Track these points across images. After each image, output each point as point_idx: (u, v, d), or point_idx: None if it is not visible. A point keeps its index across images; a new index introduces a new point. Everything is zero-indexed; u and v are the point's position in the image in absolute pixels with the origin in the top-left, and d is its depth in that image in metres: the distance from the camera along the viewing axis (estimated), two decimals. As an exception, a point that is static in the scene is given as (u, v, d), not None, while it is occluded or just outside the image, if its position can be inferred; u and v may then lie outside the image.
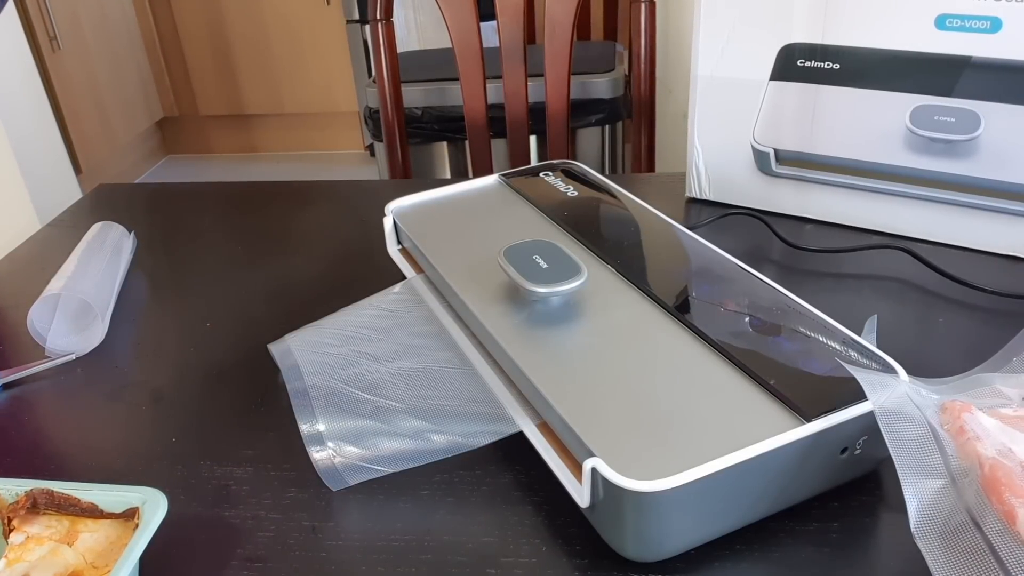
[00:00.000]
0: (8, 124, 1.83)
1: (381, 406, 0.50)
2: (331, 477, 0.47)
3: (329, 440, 0.48)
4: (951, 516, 0.36)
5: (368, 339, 0.55)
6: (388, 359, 0.53)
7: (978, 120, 0.63)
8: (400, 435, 0.48)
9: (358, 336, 0.56)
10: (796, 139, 0.72)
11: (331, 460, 0.47)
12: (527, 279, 0.51)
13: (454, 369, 0.52)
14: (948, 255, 0.67)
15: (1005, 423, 0.38)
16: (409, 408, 0.49)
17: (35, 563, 0.40)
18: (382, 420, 0.49)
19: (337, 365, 0.53)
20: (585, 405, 0.43)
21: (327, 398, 0.50)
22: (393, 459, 0.47)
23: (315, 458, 0.47)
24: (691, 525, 0.40)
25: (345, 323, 0.57)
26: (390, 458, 0.47)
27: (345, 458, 0.48)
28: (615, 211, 0.64)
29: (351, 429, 0.49)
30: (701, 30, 0.73)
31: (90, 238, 0.71)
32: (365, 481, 0.47)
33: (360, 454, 0.48)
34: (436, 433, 0.48)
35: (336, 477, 0.47)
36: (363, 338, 0.56)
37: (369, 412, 0.49)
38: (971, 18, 0.61)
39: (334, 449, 0.48)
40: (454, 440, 0.47)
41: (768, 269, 0.66)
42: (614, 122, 1.66)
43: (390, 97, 1.17)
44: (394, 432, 0.48)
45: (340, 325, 0.57)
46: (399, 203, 0.67)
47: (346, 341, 0.55)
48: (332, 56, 2.82)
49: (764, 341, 0.46)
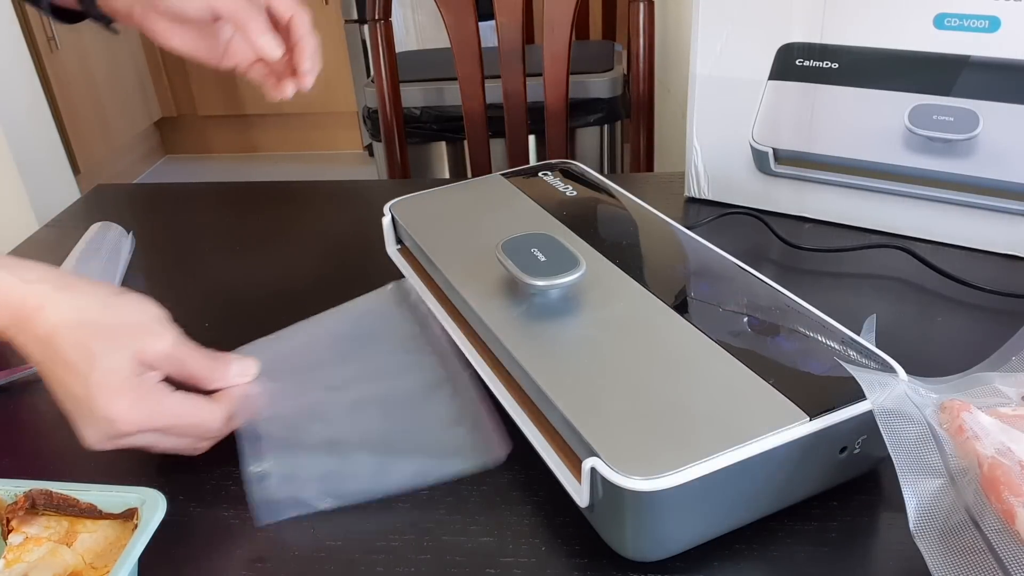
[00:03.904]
0: (6, 125, 1.82)
1: (331, 439, 0.48)
2: (265, 509, 0.45)
3: (271, 470, 0.46)
4: (950, 515, 0.36)
5: (325, 362, 0.53)
6: (342, 386, 0.51)
7: (977, 119, 0.63)
8: (351, 471, 0.46)
9: (316, 361, 0.53)
10: (795, 138, 0.72)
11: (269, 491, 0.45)
12: (525, 272, 0.51)
13: (410, 400, 0.50)
14: (947, 254, 0.67)
15: (1004, 422, 0.38)
16: (360, 442, 0.47)
17: (34, 564, 0.40)
18: (330, 454, 0.47)
19: (288, 393, 0.50)
20: (584, 399, 0.43)
21: (274, 427, 0.48)
22: (341, 495, 0.45)
23: (252, 483, 0.45)
24: (690, 524, 0.40)
25: (306, 340, 0.55)
26: (338, 494, 0.45)
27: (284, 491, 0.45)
28: (614, 211, 0.64)
29: (293, 463, 0.46)
30: (700, 29, 0.73)
31: (88, 238, 0.71)
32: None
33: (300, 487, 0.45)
34: (389, 469, 0.46)
35: (270, 509, 0.45)
36: (320, 362, 0.53)
37: (316, 446, 0.47)
38: (970, 17, 0.61)
39: (273, 479, 0.45)
40: (407, 476, 0.45)
41: (767, 268, 0.66)
42: (613, 122, 1.66)
43: (389, 97, 1.17)
44: (343, 467, 0.46)
45: (298, 343, 0.55)
46: (398, 201, 0.67)
47: (300, 368, 0.53)
48: (331, 56, 2.81)
49: (763, 340, 0.46)
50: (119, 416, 0.42)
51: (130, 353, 0.43)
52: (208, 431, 0.46)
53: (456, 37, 1.12)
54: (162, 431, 0.45)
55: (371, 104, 1.58)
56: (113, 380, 0.42)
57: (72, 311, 0.43)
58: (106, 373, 0.42)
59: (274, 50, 0.57)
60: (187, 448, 0.47)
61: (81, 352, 0.42)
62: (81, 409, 0.43)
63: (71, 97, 2.48)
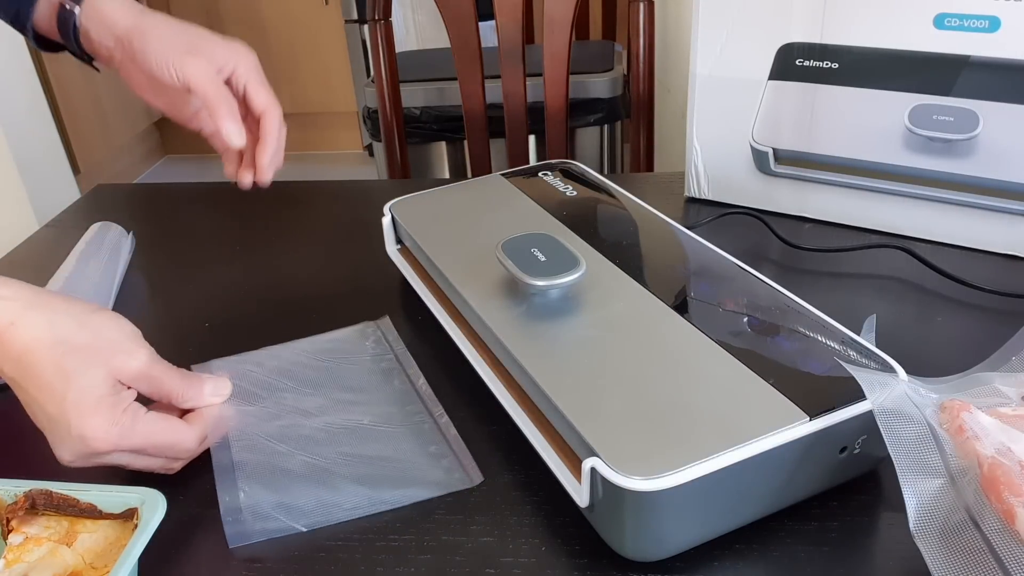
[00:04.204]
0: (6, 125, 1.82)
1: (306, 463, 0.47)
2: (236, 535, 0.44)
3: (243, 500, 0.45)
4: (950, 515, 0.36)
5: (299, 387, 0.53)
6: (316, 412, 0.51)
7: (976, 119, 0.63)
8: (327, 499, 0.45)
9: (290, 385, 0.54)
10: (795, 138, 0.72)
11: (241, 518, 0.44)
12: (525, 272, 0.51)
13: (383, 427, 0.50)
14: (947, 254, 0.67)
15: (1004, 422, 0.38)
16: (333, 468, 0.47)
17: (34, 564, 0.40)
18: (305, 481, 0.46)
19: (260, 416, 0.50)
20: (584, 399, 0.43)
21: (246, 452, 0.48)
22: (313, 522, 0.45)
23: (224, 510, 0.45)
24: (690, 524, 0.40)
25: (279, 364, 0.55)
26: (309, 521, 0.45)
27: (255, 517, 0.45)
28: (614, 211, 0.64)
29: (266, 488, 0.46)
30: (700, 29, 0.73)
31: (88, 239, 0.71)
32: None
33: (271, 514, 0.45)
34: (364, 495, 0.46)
35: (242, 535, 0.44)
36: (294, 387, 0.53)
37: (291, 470, 0.47)
38: (970, 17, 0.61)
39: (245, 506, 0.45)
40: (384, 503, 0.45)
41: (767, 268, 0.66)
42: (613, 122, 1.66)
43: (389, 97, 1.17)
44: (320, 495, 0.46)
45: (272, 366, 0.55)
46: (398, 201, 0.67)
47: (274, 391, 0.53)
48: (330, 56, 2.81)
49: (763, 340, 0.46)
50: (94, 435, 0.42)
51: (105, 372, 0.43)
52: (181, 452, 0.46)
53: (456, 37, 1.12)
54: (136, 451, 0.44)
55: (371, 104, 1.58)
56: (88, 399, 0.42)
57: (46, 330, 0.43)
58: (81, 392, 0.42)
59: (236, 139, 0.57)
60: (160, 468, 0.46)
61: (55, 371, 0.42)
62: (55, 428, 0.42)
63: (71, 97, 2.48)
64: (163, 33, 0.57)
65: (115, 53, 0.58)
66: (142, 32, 0.57)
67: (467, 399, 0.53)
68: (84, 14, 0.58)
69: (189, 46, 0.57)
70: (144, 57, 0.56)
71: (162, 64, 0.56)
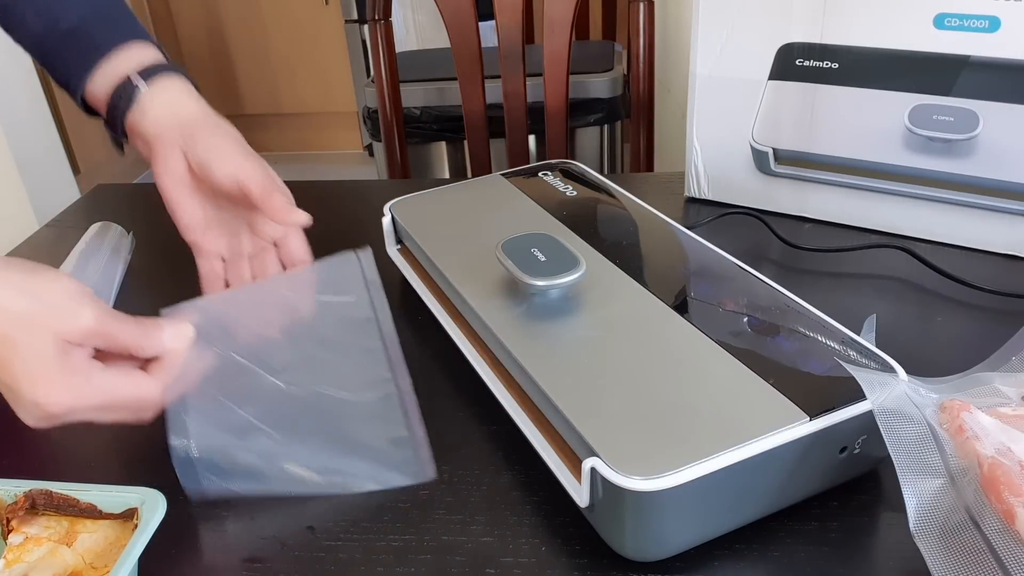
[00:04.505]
0: (6, 125, 1.82)
1: (261, 424, 0.47)
2: (189, 483, 0.44)
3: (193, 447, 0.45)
4: (950, 515, 0.36)
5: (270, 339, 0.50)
6: (280, 370, 0.48)
7: (976, 119, 0.63)
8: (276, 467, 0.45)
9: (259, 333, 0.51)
10: (795, 138, 0.72)
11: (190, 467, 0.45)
12: (525, 272, 0.51)
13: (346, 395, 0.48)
14: (947, 254, 0.67)
15: (1004, 422, 0.38)
16: (290, 434, 0.46)
17: (34, 564, 0.40)
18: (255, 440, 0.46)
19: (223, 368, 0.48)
20: (584, 399, 0.43)
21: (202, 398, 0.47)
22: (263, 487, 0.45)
23: (174, 455, 0.45)
24: (690, 524, 0.40)
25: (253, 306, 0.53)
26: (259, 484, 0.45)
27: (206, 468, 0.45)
28: (614, 211, 0.64)
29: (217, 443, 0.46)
30: (700, 29, 0.73)
31: (88, 238, 0.71)
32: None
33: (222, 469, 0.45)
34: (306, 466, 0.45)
35: (193, 484, 0.44)
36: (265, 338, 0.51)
37: (244, 428, 0.46)
38: (970, 17, 0.61)
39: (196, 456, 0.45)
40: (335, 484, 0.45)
41: (767, 268, 0.66)
42: (613, 122, 1.66)
43: (389, 97, 1.17)
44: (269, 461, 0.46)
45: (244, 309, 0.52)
46: (398, 201, 0.67)
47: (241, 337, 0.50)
48: (331, 56, 2.81)
49: (763, 340, 0.46)
50: (46, 401, 0.42)
51: (50, 336, 0.42)
52: (145, 404, 0.45)
53: (456, 37, 1.12)
54: (96, 408, 0.44)
55: (371, 104, 1.58)
56: (36, 366, 0.42)
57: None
58: (28, 359, 0.42)
59: (304, 217, 0.58)
60: (130, 420, 0.46)
61: (1, 341, 0.41)
62: (11, 395, 0.42)
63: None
64: (228, 130, 0.58)
65: (166, 137, 0.56)
66: (213, 125, 0.57)
67: (467, 399, 0.53)
68: (149, 92, 0.56)
69: (245, 151, 0.57)
70: (207, 149, 0.56)
71: (225, 160, 0.55)
